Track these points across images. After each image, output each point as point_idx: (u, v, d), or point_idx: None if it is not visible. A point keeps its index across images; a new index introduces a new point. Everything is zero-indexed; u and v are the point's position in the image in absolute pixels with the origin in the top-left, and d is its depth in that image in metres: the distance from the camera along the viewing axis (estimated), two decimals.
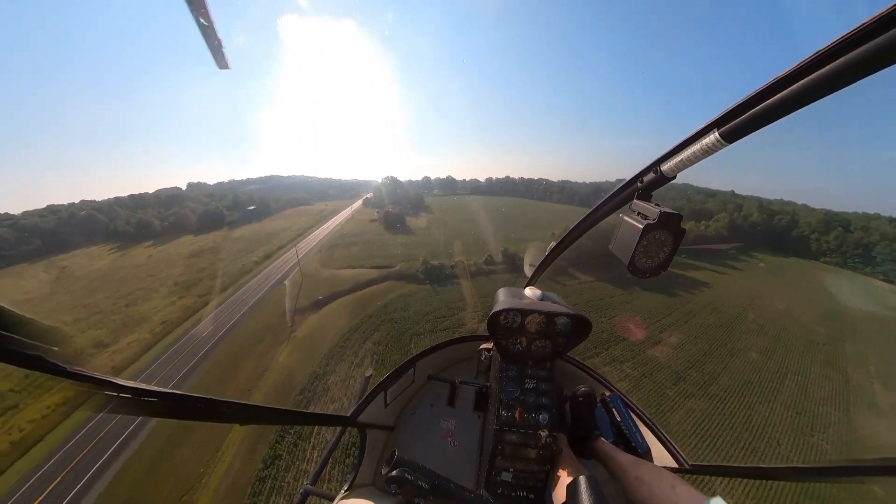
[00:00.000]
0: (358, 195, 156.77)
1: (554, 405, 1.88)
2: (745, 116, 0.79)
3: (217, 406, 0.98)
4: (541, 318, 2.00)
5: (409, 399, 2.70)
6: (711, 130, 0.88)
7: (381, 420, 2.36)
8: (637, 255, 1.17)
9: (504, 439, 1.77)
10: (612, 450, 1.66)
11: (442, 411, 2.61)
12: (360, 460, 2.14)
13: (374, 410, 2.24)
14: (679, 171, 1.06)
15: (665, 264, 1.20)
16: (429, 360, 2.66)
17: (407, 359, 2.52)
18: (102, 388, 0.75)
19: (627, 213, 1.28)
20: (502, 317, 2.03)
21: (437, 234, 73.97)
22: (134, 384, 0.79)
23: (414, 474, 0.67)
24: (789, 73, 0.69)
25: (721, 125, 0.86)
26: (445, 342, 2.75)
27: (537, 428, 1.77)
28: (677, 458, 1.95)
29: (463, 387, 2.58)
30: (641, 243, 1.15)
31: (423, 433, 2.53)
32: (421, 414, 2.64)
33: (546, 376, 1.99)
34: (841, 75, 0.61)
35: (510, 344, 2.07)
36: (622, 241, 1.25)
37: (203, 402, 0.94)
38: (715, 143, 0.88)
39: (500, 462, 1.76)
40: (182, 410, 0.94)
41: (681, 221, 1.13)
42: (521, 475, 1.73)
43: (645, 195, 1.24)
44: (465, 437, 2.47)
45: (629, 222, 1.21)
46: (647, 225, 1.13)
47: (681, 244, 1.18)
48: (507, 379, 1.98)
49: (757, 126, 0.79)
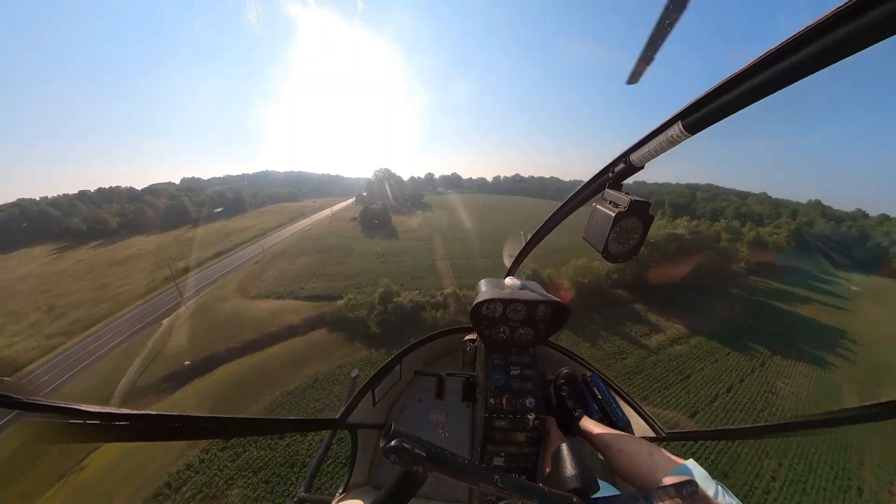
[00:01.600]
0: (358, 191, 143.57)
1: (539, 389, 1.98)
2: (706, 109, 0.84)
3: (194, 423, 0.96)
4: (521, 306, 2.08)
5: (397, 396, 2.71)
6: (675, 122, 0.92)
7: (370, 419, 2.35)
8: (610, 241, 1.22)
9: (493, 426, 1.85)
10: (596, 426, 1.75)
11: (431, 404, 2.64)
12: (353, 461, 2.21)
13: (363, 410, 2.24)
14: (647, 160, 1.11)
15: (636, 250, 1.26)
16: (414, 356, 2.65)
17: (392, 356, 2.52)
18: (66, 416, 0.73)
19: (599, 202, 1.30)
20: (484, 307, 2.08)
21: (429, 239, 59.46)
22: (100, 409, 0.77)
23: (411, 443, 0.71)
24: (750, 67, 0.71)
25: (684, 117, 0.90)
26: (429, 336, 2.76)
27: (525, 412, 1.85)
28: (654, 428, 2.06)
29: (450, 379, 2.52)
30: (614, 230, 1.19)
31: (413, 427, 2.55)
32: (411, 409, 2.68)
33: (530, 362, 2.09)
34: (796, 68, 0.64)
35: (493, 333, 2.15)
36: (595, 228, 1.29)
37: (178, 420, 0.92)
38: (679, 135, 0.92)
39: (492, 448, 1.85)
40: (157, 432, 0.93)
41: (649, 209, 1.19)
42: (512, 458, 1.85)
43: (615, 185, 1.28)
44: (456, 427, 2.56)
45: (602, 210, 1.25)
46: (618, 213, 1.17)
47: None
48: (493, 367, 2.06)
49: (717, 118, 0.83)
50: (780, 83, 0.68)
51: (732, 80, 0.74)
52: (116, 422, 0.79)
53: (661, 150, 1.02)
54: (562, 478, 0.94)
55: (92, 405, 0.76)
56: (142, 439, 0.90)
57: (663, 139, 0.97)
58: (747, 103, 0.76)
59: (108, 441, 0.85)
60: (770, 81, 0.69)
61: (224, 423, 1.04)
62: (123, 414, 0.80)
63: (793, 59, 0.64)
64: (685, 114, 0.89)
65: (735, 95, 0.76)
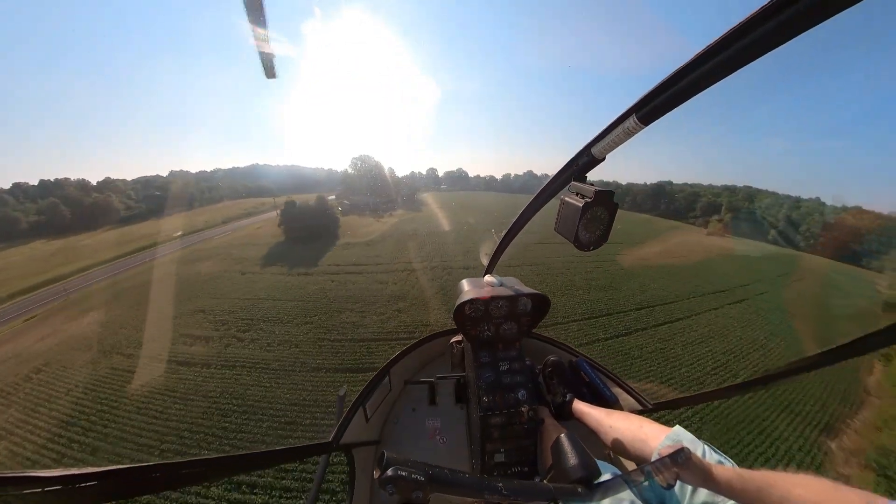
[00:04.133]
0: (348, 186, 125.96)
1: (529, 381, 2.03)
2: (656, 101, 0.88)
3: (176, 470, 0.88)
4: (503, 302, 2.10)
5: (389, 408, 2.65)
6: (630, 115, 0.96)
7: (364, 436, 2.30)
8: (580, 230, 1.25)
9: (490, 424, 1.88)
10: (587, 407, 1.82)
11: (425, 412, 2.60)
12: (353, 481, 2.11)
13: (357, 428, 2.14)
14: (607, 152, 1.16)
15: (604, 237, 1.30)
16: (402, 365, 2.59)
17: (379, 368, 2.41)
18: (21, 486, 0.65)
19: (567, 194, 1.34)
20: (467, 308, 2.09)
21: (383, 260, 35.79)
22: (61, 472, 0.68)
23: (406, 470, 0.68)
24: (692, 62, 0.76)
25: (638, 109, 0.94)
26: (415, 344, 2.69)
27: (518, 405, 1.90)
28: (641, 402, 2.08)
29: (441, 383, 2.51)
30: (583, 220, 1.23)
31: (410, 438, 2.52)
32: (405, 420, 2.62)
33: (517, 356, 2.13)
34: (734, 59, 0.69)
35: (479, 332, 2.15)
36: (565, 220, 1.32)
37: (158, 470, 0.84)
38: (634, 126, 0.96)
39: (491, 446, 1.87)
40: (133, 487, 0.82)
41: (613, 197, 1.22)
42: (512, 453, 1.87)
43: (580, 177, 1.31)
44: (453, 431, 2.52)
45: (569, 202, 1.28)
46: (585, 203, 1.21)
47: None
48: (482, 366, 2.08)
49: (666, 109, 0.88)
50: (722, 72, 0.73)
51: (679, 73, 0.79)
52: (82, 483, 0.69)
53: (620, 142, 1.07)
54: (564, 469, 0.96)
55: (48, 469, 0.67)
56: (116, 499, 0.77)
57: (620, 131, 1.02)
58: (692, 94, 0.81)
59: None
60: (711, 71, 0.75)
61: (210, 465, 0.96)
62: (89, 473, 0.70)
63: (728, 52, 0.69)
64: (638, 106, 0.93)
65: (682, 86, 0.81)
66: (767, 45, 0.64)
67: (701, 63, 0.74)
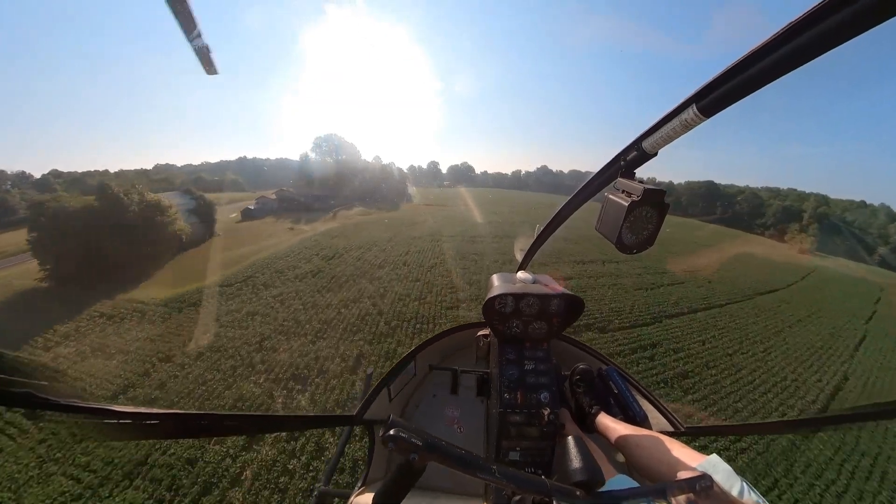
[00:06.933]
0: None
1: (554, 384, 1.97)
2: (721, 90, 0.80)
3: (221, 420, 1.00)
4: (534, 300, 2.04)
5: (412, 391, 2.74)
6: (690, 105, 0.89)
7: (386, 415, 2.25)
8: (623, 231, 1.18)
9: (508, 421, 1.86)
10: (613, 421, 1.75)
11: (445, 400, 2.67)
12: (371, 456, 2.23)
13: (379, 406, 2.26)
14: (660, 147, 1.08)
15: (651, 239, 1.22)
16: (428, 352, 2.66)
17: (406, 352, 2.53)
18: (100, 417, 0.74)
19: (611, 191, 1.26)
20: (497, 302, 2.05)
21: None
22: (133, 409, 0.78)
23: (407, 433, 0.74)
24: (765, 45, 0.69)
25: (699, 99, 0.86)
26: (443, 332, 2.74)
27: (539, 407, 1.86)
28: (672, 423, 2.02)
29: (464, 374, 2.47)
30: (627, 220, 1.16)
31: (428, 423, 2.61)
32: (425, 404, 2.72)
33: (544, 357, 2.08)
34: (813, 45, 0.62)
35: (506, 328, 2.11)
36: (608, 219, 1.25)
37: (207, 419, 0.95)
38: (693, 118, 0.89)
39: (507, 443, 1.85)
40: (186, 429, 0.96)
41: (664, 196, 1.14)
42: (528, 453, 1.84)
43: (628, 173, 1.24)
44: (471, 422, 2.59)
45: (614, 200, 1.21)
46: (631, 202, 1.13)
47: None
48: (507, 362, 2.04)
49: (734, 99, 0.80)
50: (799, 60, 0.65)
51: (748, 59, 0.72)
52: (147, 421, 0.80)
53: (675, 136, 0.98)
54: (567, 471, 0.96)
55: (123, 405, 0.76)
56: (171, 437, 1.03)
57: (677, 124, 0.94)
58: (764, 82, 0.73)
59: (139, 439, 0.91)
60: (787, 58, 0.66)
61: (248, 421, 1.08)
62: (154, 413, 0.81)
63: (811, 33, 0.61)
64: (699, 96, 0.85)
65: (752, 73, 0.73)
66: (866, 23, 0.53)
67: (781, 44, 0.64)
